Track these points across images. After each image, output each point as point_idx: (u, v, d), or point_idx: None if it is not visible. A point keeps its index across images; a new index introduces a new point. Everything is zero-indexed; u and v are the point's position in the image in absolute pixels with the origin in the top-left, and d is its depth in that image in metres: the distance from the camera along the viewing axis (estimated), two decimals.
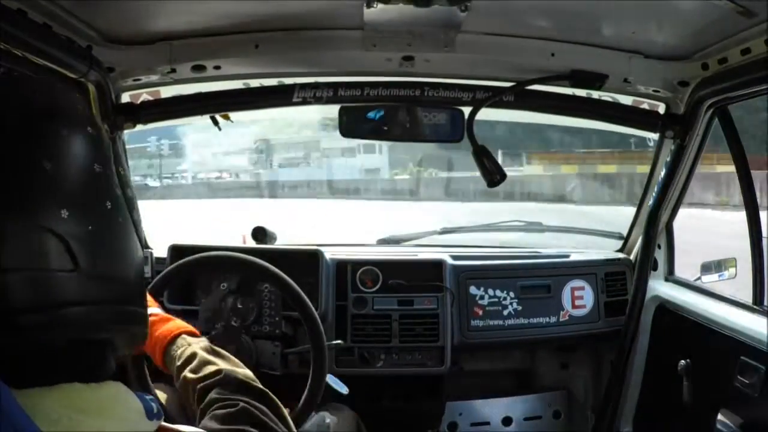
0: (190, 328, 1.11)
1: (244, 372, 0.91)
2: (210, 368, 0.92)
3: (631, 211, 2.16)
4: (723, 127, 1.68)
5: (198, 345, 1.02)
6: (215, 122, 1.89)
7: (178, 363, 1.00)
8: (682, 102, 1.74)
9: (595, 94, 1.85)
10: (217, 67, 1.67)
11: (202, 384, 0.89)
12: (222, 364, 0.94)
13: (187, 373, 0.95)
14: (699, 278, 1.92)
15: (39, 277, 0.52)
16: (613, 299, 2.08)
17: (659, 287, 1.97)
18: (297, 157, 17.80)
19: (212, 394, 0.84)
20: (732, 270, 1.92)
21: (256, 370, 1.45)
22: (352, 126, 1.82)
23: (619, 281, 2.11)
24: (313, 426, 1.56)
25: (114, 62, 1.56)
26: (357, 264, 1.98)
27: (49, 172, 0.53)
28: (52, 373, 0.54)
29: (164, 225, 3.12)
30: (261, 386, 0.87)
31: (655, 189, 1.93)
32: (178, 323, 1.11)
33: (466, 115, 1.77)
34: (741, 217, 1.69)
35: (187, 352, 1.00)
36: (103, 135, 0.60)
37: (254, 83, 1.84)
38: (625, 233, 2.21)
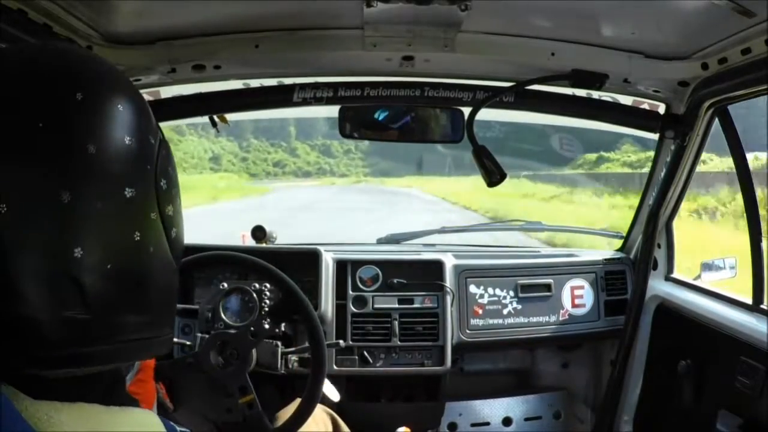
0: None
1: None
2: None
3: None
4: (723, 127, 1.67)
5: None
6: (213, 123, 1.89)
7: None
8: (682, 102, 1.73)
9: (595, 94, 1.84)
10: (217, 67, 1.66)
11: None
12: None
13: None
14: (699, 277, 1.92)
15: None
16: (613, 298, 2.09)
17: (659, 286, 1.97)
18: None
19: None
20: (733, 269, 1.92)
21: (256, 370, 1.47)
22: (352, 126, 1.82)
23: (619, 280, 2.11)
24: None
25: (114, 62, 1.55)
26: (357, 263, 1.99)
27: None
28: (73, 392, 0.53)
29: None
30: None
31: (655, 189, 1.93)
32: None
33: (466, 115, 1.77)
34: None
35: None
36: None
37: (254, 83, 1.84)
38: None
